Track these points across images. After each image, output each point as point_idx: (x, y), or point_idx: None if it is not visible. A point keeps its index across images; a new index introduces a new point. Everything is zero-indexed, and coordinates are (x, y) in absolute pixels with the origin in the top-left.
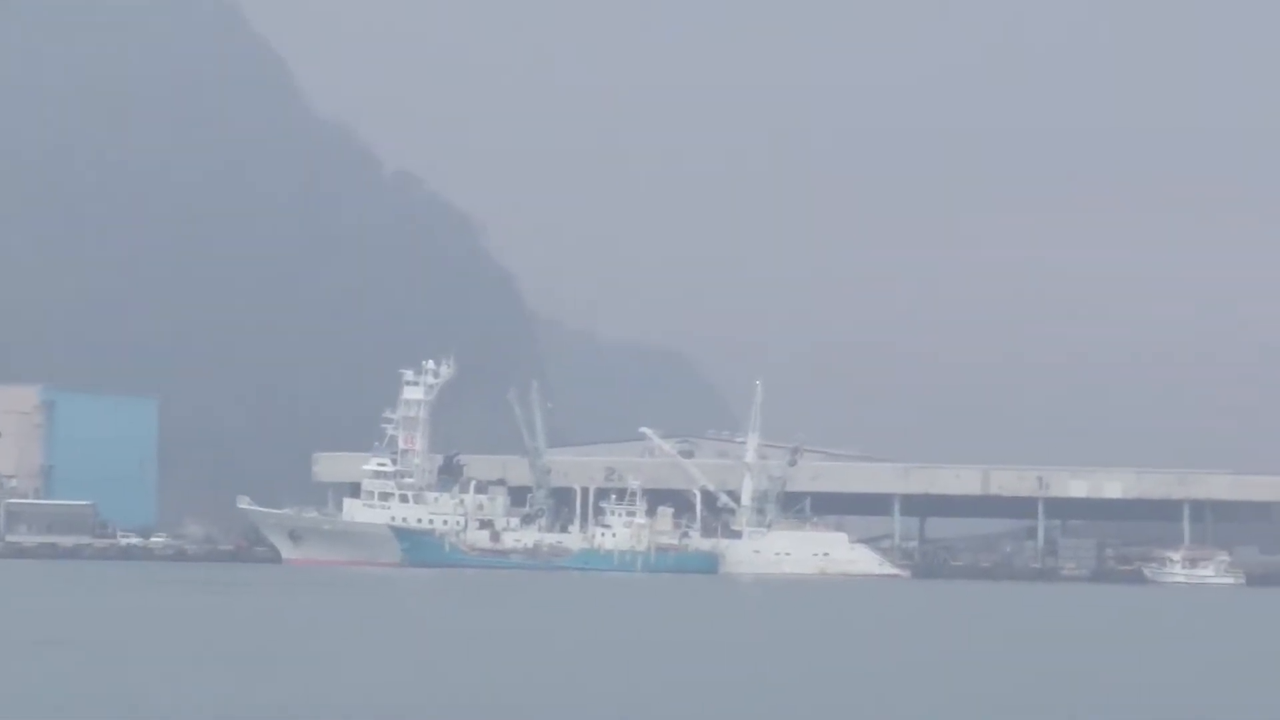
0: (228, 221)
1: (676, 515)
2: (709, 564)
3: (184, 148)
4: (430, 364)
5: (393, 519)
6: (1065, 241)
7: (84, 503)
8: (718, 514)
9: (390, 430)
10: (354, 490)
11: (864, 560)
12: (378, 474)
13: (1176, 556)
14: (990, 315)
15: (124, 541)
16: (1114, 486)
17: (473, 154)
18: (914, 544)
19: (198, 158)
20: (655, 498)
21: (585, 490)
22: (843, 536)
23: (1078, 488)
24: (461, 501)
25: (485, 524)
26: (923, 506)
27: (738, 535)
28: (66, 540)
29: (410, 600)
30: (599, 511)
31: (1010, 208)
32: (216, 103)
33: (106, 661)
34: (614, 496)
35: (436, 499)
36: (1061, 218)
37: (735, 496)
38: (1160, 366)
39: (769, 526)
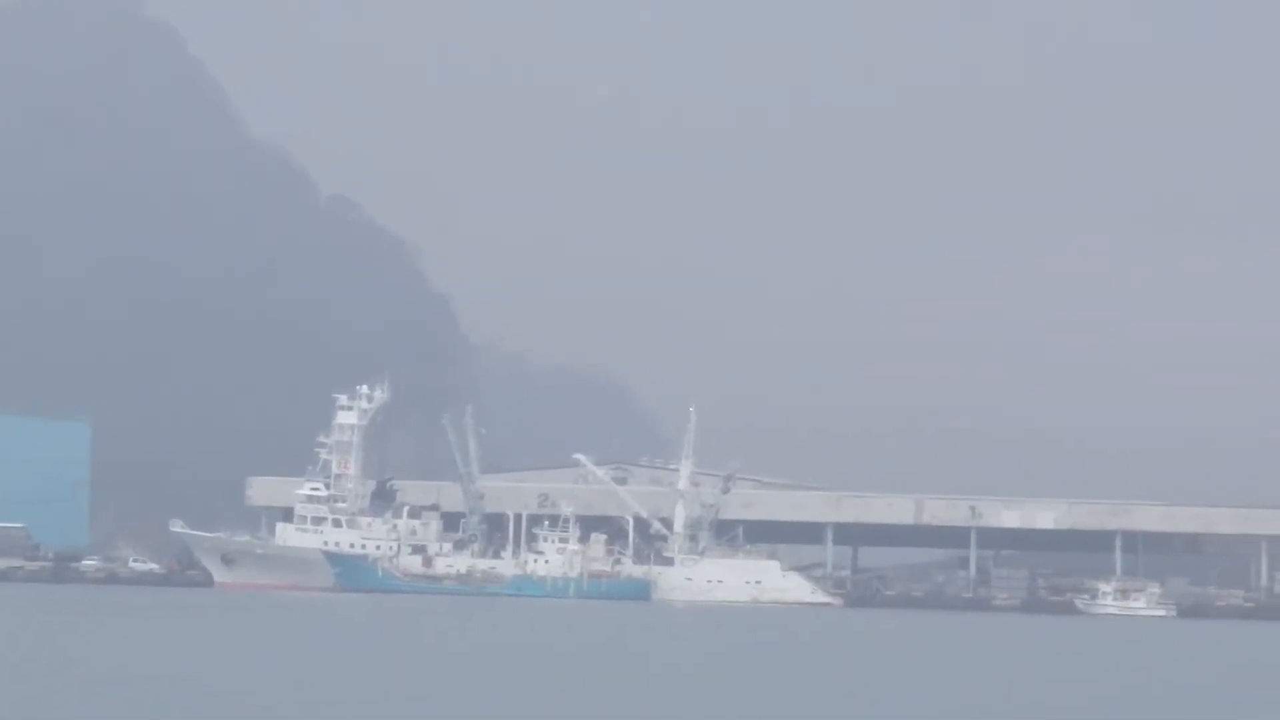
0: (162, 244)
1: (609, 542)
2: (641, 590)
3: (119, 171)
4: (364, 389)
5: (325, 543)
6: (1000, 272)
7: (16, 525)
8: (650, 541)
9: (324, 455)
10: (287, 514)
11: (796, 588)
12: (311, 498)
13: (1108, 588)
14: (923, 344)
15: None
16: (1046, 517)
17: (409, 178)
18: (846, 573)
19: (133, 181)
20: (588, 524)
21: (518, 516)
22: (775, 564)
23: (1010, 518)
24: (395, 526)
25: (418, 549)
26: (855, 535)
27: (670, 562)
28: None
29: (342, 625)
30: (532, 537)
31: (952, 235)
32: (153, 126)
33: (21, 686)
34: (547, 523)
35: (370, 524)
36: (1000, 248)
37: (668, 523)
38: (1093, 397)
39: (702, 554)
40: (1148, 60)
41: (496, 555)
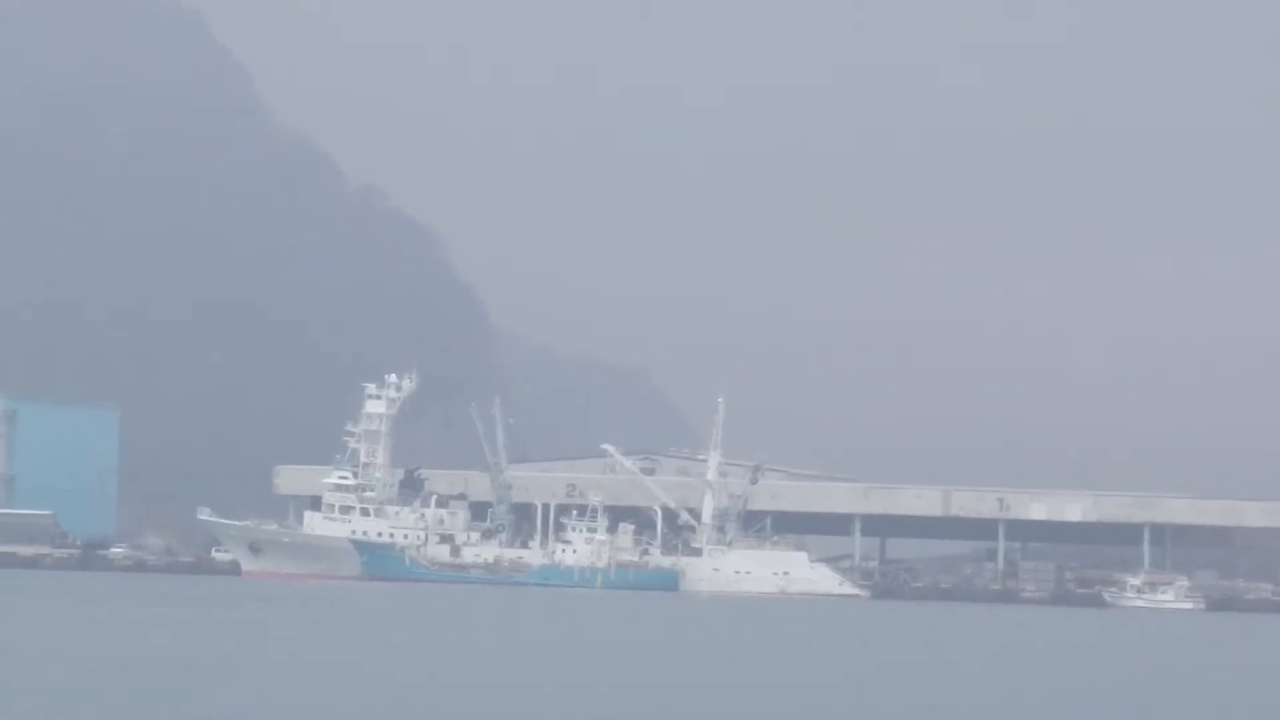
0: (189, 232)
1: (637, 532)
2: (669, 581)
3: (147, 158)
4: (392, 378)
5: (353, 532)
6: (1028, 267)
7: (44, 512)
8: (678, 531)
9: (352, 443)
10: (315, 503)
11: (824, 580)
12: (339, 487)
13: (1136, 580)
14: (952, 337)
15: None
16: (1074, 509)
17: (437, 168)
18: (874, 564)
19: (160, 168)
20: (616, 514)
21: (546, 506)
22: (803, 556)
23: (1038, 510)
24: (422, 516)
25: (446, 538)
26: (883, 527)
27: (698, 553)
28: (26, 550)
29: (370, 614)
30: (560, 527)
31: (970, 232)
32: (180, 113)
33: (36, 673)
34: (575, 513)
35: (397, 513)
36: (1023, 243)
37: (696, 514)
38: (1121, 390)
39: (729, 545)
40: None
41: (524, 545)
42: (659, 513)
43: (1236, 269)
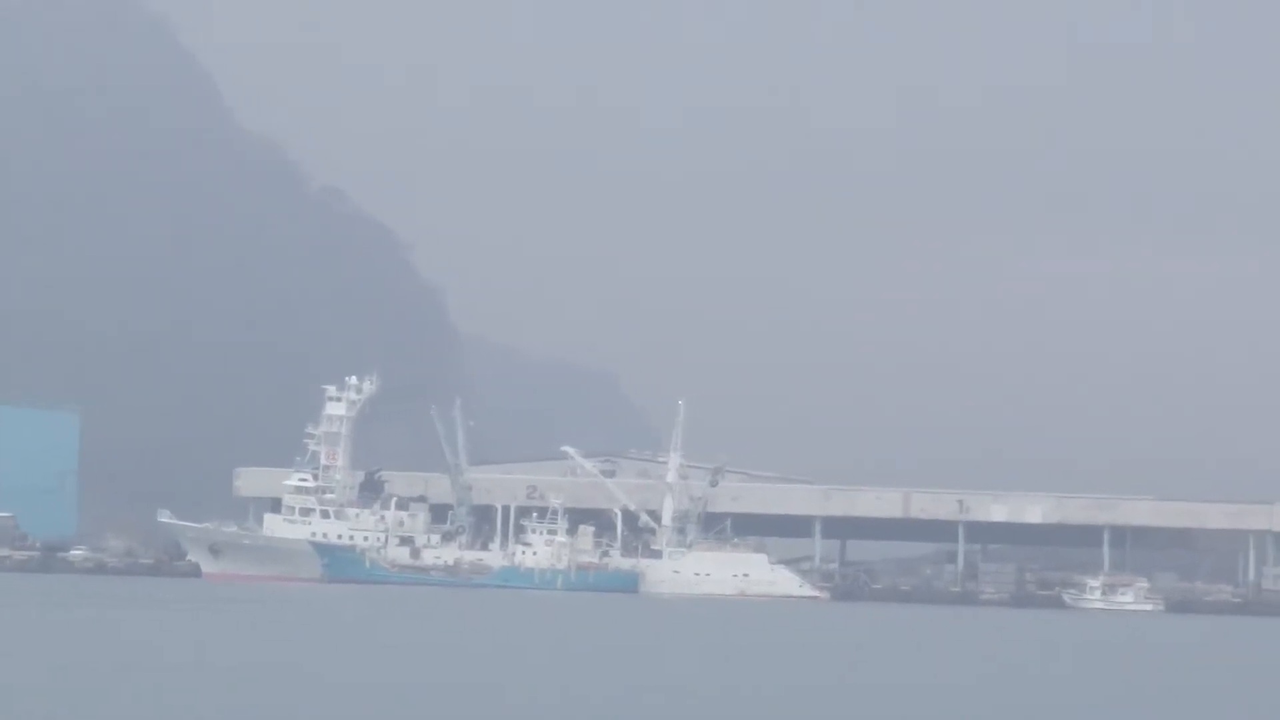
0: (152, 234)
1: (597, 534)
2: (629, 583)
3: (110, 162)
4: (353, 380)
5: (313, 534)
6: (988, 271)
7: (4, 514)
8: (639, 533)
9: (312, 446)
10: (275, 505)
11: (784, 581)
12: (299, 489)
13: (1095, 582)
14: (914, 338)
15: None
16: (1034, 511)
17: (399, 170)
18: (834, 566)
19: (123, 172)
20: (576, 516)
21: (506, 508)
22: (763, 558)
23: (998, 512)
24: (382, 518)
25: (406, 540)
26: (843, 529)
27: (658, 555)
28: None
29: (330, 616)
30: (520, 529)
31: (942, 232)
32: (143, 116)
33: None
34: (535, 515)
35: (358, 515)
36: (987, 246)
37: (656, 516)
38: (1082, 392)
39: (690, 547)
40: (1142, 60)
41: (484, 547)
42: (619, 515)
43: (1233, 273)
